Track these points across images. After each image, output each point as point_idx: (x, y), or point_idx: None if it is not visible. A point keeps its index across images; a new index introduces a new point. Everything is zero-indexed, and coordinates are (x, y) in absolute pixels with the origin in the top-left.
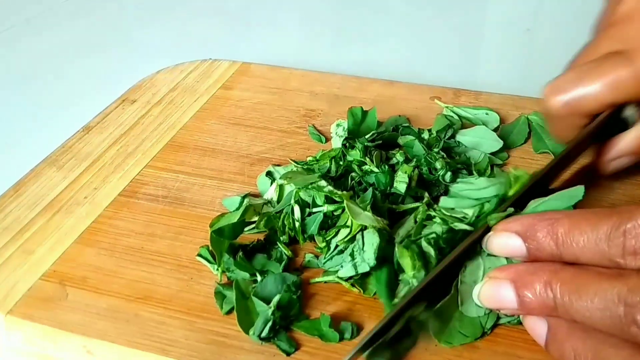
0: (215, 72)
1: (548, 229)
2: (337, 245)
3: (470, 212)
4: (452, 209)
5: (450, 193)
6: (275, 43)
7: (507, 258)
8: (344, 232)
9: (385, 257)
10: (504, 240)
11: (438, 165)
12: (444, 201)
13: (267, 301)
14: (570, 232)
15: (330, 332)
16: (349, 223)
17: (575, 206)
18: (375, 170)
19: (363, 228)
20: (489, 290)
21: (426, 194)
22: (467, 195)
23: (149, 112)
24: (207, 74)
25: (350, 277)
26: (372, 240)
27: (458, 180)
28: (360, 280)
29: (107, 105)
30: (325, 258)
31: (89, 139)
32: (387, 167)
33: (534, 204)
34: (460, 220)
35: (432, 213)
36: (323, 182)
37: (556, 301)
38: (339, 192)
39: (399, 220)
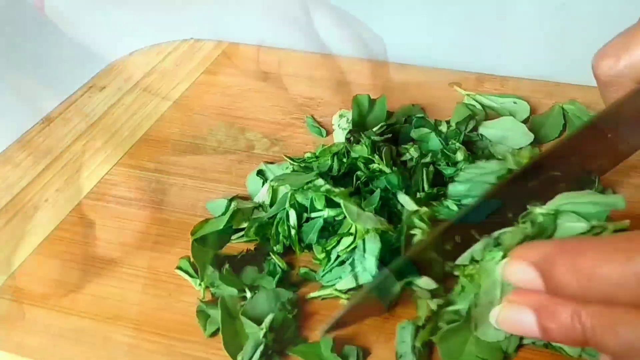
0: (197, 54)
1: (568, 265)
2: (338, 256)
3: None
4: (463, 197)
5: (459, 177)
6: (267, 19)
7: None
8: (346, 241)
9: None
10: (518, 272)
11: (460, 156)
12: (453, 188)
13: (258, 321)
14: (597, 267)
15: (332, 358)
16: (352, 230)
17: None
18: (385, 169)
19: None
20: (508, 316)
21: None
22: (479, 180)
23: (120, 100)
24: (188, 56)
25: (351, 290)
26: (373, 245)
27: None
28: None
29: (72, 93)
30: (324, 271)
31: (50, 132)
32: (398, 166)
33: (560, 199)
34: None
35: (440, 208)
36: (320, 181)
37: (586, 335)
38: (336, 190)
39: None
